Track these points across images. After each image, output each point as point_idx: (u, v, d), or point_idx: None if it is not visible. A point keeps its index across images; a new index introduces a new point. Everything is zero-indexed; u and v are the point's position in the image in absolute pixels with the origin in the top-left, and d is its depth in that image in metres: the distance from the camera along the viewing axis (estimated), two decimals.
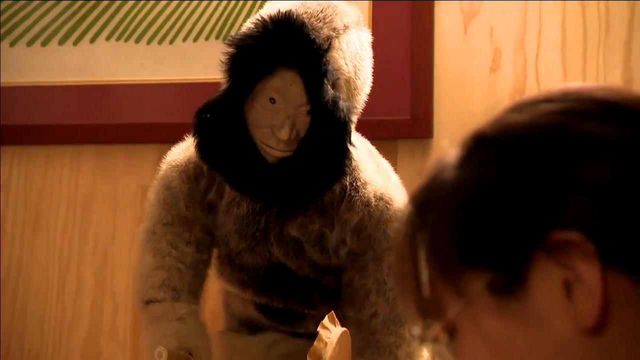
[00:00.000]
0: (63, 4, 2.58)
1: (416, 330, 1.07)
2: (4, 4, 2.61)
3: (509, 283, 0.97)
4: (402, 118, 2.34)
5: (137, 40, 2.56)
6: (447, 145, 1.05)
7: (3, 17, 2.61)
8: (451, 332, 1.03)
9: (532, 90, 2.37)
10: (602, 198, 0.96)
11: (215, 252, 2.06)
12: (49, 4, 2.59)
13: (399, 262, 1.08)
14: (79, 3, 2.58)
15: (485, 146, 1.02)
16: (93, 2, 2.57)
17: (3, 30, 2.62)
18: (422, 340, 1.06)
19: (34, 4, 2.59)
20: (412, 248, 1.04)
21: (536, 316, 0.97)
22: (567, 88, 1.04)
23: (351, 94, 1.94)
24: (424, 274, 1.03)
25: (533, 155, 0.99)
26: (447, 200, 1.02)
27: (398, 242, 1.08)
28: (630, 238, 0.95)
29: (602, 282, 0.94)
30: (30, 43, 2.61)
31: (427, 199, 1.05)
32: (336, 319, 1.84)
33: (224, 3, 2.51)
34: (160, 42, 2.55)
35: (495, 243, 0.98)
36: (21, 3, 2.60)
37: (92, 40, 2.58)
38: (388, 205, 1.93)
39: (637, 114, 1.00)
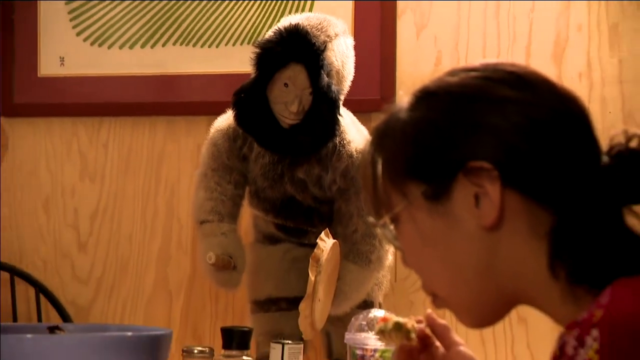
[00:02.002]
0: (144, 20, 2.57)
1: (371, 219, 1.08)
2: (103, 21, 2.60)
3: (438, 193, 0.99)
4: (374, 97, 2.31)
5: (194, 45, 2.52)
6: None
7: (104, 28, 2.59)
8: (395, 222, 1.04)
9: None
10: (506, 140, 0.97)
11: (247, 189, 2.06)
12: (135, 20, 2.58)
13: (363, 171, 1.08)
14: (154, 20, 2.57)
15: (429, 96, 1.02)
16: (163, 19, 2.57)
17: (103, 37, 2.58)
18: (374, 226, 1.07)
19: (125, 19, 2.58)
20: (372, 161, 1.05)
21: (454, 216, 0.99)
22: (488, 62, 1.05)
23: (339, 81, 1.96)
24: (379, 180, 1.04)
25: (461, 106, 1.00)
26: (400, 131, 1.02)
27: (364, 157, 1.08)
28: (522, 168, 0.96)
29: (501, 197, 0.96)
30: (121, 46, 2.57)
31: (385, 129, 1.05)
32: (329, 234, 1.86)
33: (252, 19, 2.51)
34: (209, 46, 2.51)
35: (431, 164, 1.00)
36: (115, 20, 2.58)
37: (164, 45, 2.55)
38: None
39: (534, 83, 1.01)
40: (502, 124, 0.97)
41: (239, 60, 2.40)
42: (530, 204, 0.97)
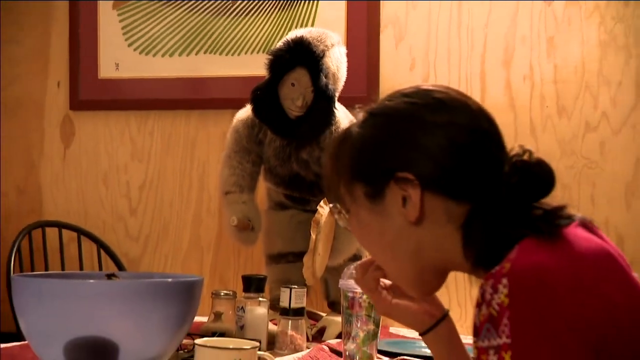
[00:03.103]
0: (180, 34, 2.58)
1: (331, 208, 1.10)
2: (149, 35, 2.61)
3: (375, 194, 1.00)
4: (362, 95, 2.28)
5: (220, 53, 2.51)
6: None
7: (150, 41, 2.61)
8: (346, 212, 1.06)
9: (432, 80, 2.37)
10: (429, 155, 0.97)
11: (262, 167, 2.03)
12: (174, 34, 2.57)
13: (325, 172, 1.09)
14: (189, 34, 2.57)
15: (372, 117, 1.02)
16: (196, 34, 2.57)
17: (149, 48, 2.57)
18: (332, 213, 1.10)
19: (166, 33, 2.59)
20: (332, 166, 1.06)
21: (387, 213, 1.00)
22: (420, 87, 1.02)
23: (335, 81, 1.93)
24: (335, 180, 1.05)
25: (394, 126, 1.00)
26: (351, 144, 1.02)
27: (325, 162, 1.09)
28: (441, 177, 0.97)
29: (421, 199, 0.97)
30: (163, 55, 2.58)
31: (342, 140, 1.05)
32: (327, 202, 1.85)
33: (265, 34, 2.51)
34: (232, 54, 2.50)
35: (371, 171, 1.01)
36: (158, 34, 2.59)
37: (197, 54, 2.54)
38: None
39: (454, 107, 0.99)
40: (426, 142, 0.97)
41: (255, 66, 2.38)
42: (448, 202, 0.97)
